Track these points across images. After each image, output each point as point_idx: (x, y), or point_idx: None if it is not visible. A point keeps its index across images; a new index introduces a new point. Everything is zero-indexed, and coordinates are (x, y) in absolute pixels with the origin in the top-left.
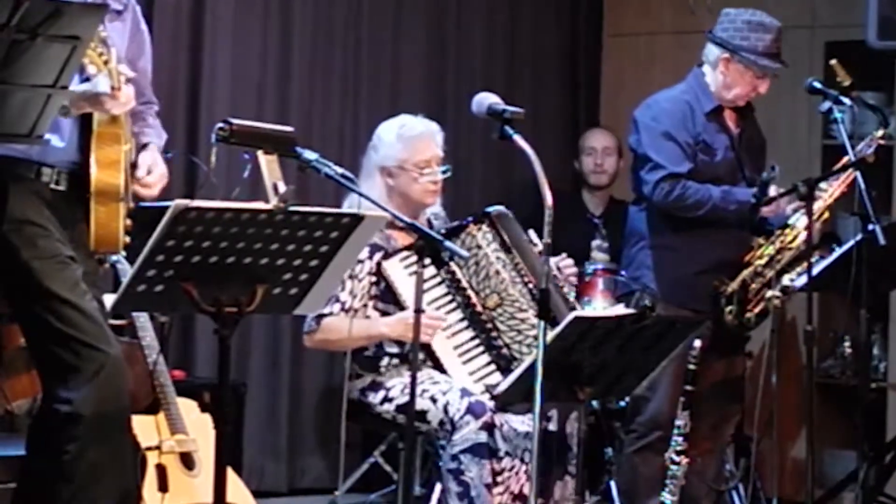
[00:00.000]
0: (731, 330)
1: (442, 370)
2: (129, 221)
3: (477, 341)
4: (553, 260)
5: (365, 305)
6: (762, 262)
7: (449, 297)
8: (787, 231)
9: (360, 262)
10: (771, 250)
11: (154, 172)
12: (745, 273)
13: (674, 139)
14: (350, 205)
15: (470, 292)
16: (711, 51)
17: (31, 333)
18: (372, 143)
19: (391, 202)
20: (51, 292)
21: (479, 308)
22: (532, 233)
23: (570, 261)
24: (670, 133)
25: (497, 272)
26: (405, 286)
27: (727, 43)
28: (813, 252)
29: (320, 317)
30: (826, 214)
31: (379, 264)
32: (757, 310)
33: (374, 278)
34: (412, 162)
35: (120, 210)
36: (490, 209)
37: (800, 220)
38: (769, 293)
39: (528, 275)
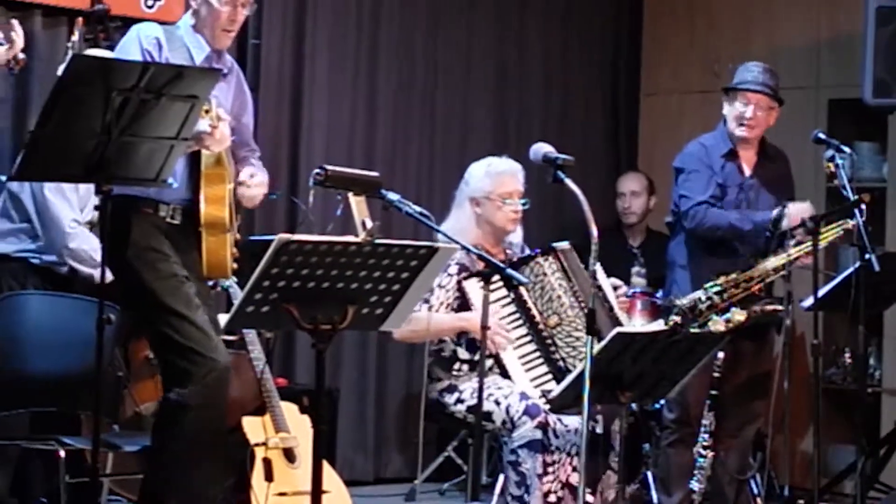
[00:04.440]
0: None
1: (507, 376)
2: (235, 250)
3: (538, 354)
4: (610, 280)
5: (447, 312)
6: (714, 290)
7: (516, 315)
8: (742, 283)
9: (450, 276)
10: (721, 283)
11: (256, 177)
12: (698, 294)
13: (695, 173)
14: (447, 227)
15: (534, 312)
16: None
17: (153, 343)
18: (464, 179)
19: (478, 228)
20: (170, 309)
21: (541, 326)
22: (599, 267)
23: (620, 281)
24: (691, 170)
25: (559, 297)
26: (479, 302)
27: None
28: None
29: None
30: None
31: (460, 281)
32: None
33: (457, 293)
34: (496, 193)
35: (227, 240)
36: (555, 244)
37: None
38: (713, 320)
39: (585, 300)
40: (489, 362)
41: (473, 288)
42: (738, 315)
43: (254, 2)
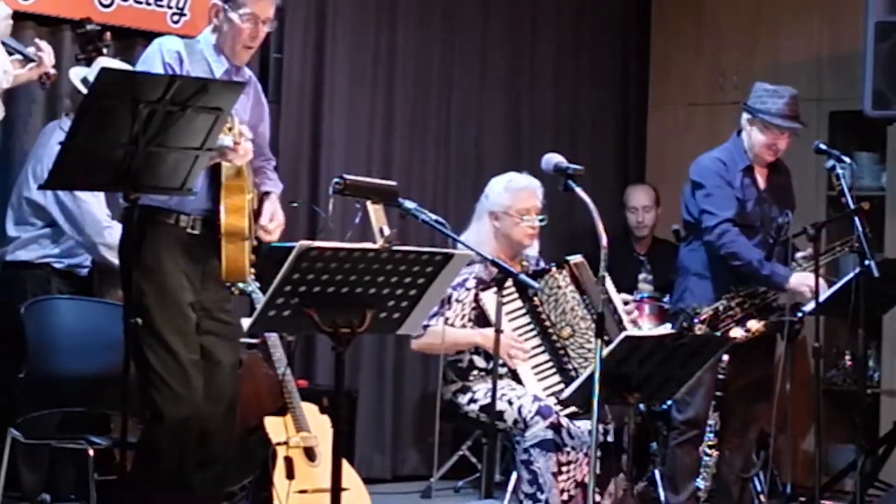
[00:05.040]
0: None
1: (520, 384)
2: (253, 257)
3: (550, 364)
4: (620, 296)
5: (464, 325)
6: (737, 300)
7: (531, 326)
8: (760, 295)
9: (467, 290)
10: (748, 295)
11: (275, 220)
12: (720, 303)
13: (718, 190)
14: (467, 238)
15: (548, 323)
16: (742, 116)
17: (138, 362)
18: (485, 192)
19: (496, 241)
20: (161, 338)
21: (554, 337)
22: (609, 280)
23: (629, 296)
24: (713, 186)
25: (572, 308)
26: (495, 313)
27: (750, 108)
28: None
29: (426, 326)
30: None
31: (477, 294)
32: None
33: (474, 304)
34: (515, 209)
35: (245, 247)
36: (569, 257)
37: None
38: (734, 331)
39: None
40: (504, 370)
41: (490, 300)
42: (757, 325)
43: (274, 19)
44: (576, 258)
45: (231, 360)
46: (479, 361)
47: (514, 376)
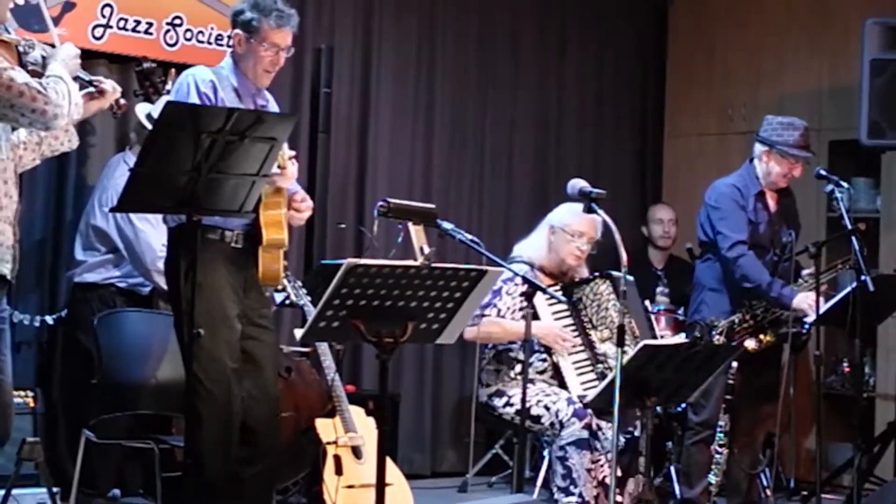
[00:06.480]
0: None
1: (561, 378)
2: (285, 262)
3: (589, 362)
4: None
5: (513, 317)
6: (751, 314)
7: (573, 327)
8: (771, 308)
9: (517, 285)
10: (760, 309)
11: (306, 201)
12: (735, 317)
13: (732, 214)
14: (523, 244)
15: (589, 325)
16: (757, 147)
17: (184, 361)
18: (555, 209)
19: (547, 253)
20: (209, 349)
21: (593, 338)
22: (647, 302)
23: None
24: (728, 210)
25: (611, 314)
26: (545, 314)
27: (767, 140)
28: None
29: (480, 316)
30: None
31: (531, 295)
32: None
33: (524, 302)
34: (570, 228)
35: (280, 255)
36: (612, 272)
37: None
38: (747, 341)
39: (635, 320)
40: (545, 365)
41: (539, 301)
42: (768, 336)
43: (293, 46)
44: (619, 274)
45: (271, 362)
46: (519, 355)
47: (556, 373)
